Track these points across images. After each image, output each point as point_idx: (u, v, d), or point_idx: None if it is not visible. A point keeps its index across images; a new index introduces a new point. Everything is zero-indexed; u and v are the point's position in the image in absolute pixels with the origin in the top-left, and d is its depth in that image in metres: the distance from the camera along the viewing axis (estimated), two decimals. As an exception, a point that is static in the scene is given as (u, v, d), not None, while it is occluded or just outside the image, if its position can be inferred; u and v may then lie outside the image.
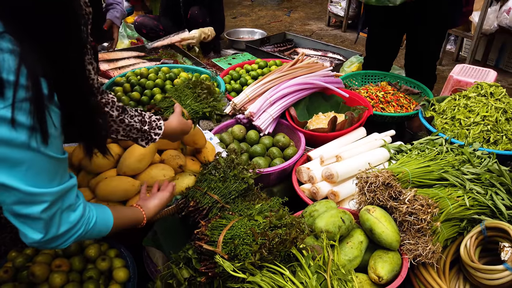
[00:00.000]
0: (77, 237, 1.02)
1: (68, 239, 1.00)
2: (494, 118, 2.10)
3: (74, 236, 1.01)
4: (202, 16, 3.83)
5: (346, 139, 2.23)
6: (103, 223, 1.14)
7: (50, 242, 0.96)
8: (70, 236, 1.00)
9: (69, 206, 0.99)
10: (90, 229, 1.06)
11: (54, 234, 0.95)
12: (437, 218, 1.52)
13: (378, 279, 1.45)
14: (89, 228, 1.06)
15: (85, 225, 1.04)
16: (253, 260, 1.19)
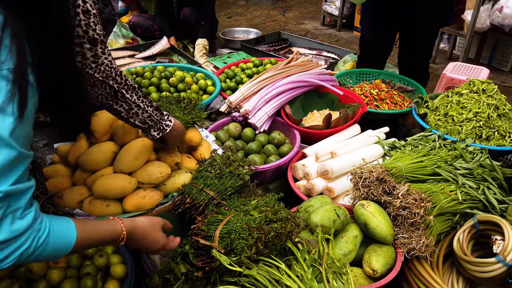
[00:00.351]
0: (21, 253, 0.81)
1: (10, 255, 0.80)
2: (486, 114, 2.13)
3: (17, 252, 0.80)
4: (193, 17, 3.84)
5: (340, 136, 2.25)
6: (60, 237, 0.90)
7: None
8: (12, 250, 0.79)
9: (15, 210, 0.79)
10: (41, 245, 0.84)
11: None
12: (430, 212, 1.55)
13: (372, 272, 1.48)
14: (39, 243, 0.84)
15: (32, 238, 0.82)
16: (249, 254, 1.20)
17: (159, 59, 3.54)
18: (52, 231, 0.88)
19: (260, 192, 1.82)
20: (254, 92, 2.44)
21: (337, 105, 2.60)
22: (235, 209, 1.52)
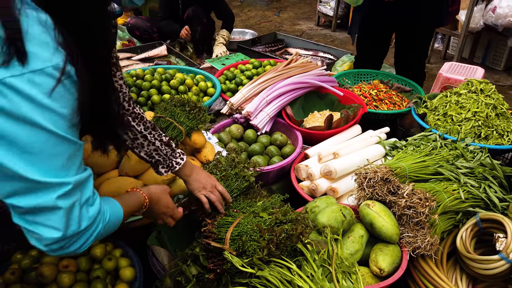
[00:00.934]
0: (96, 235, 0.91)
1: (89, 238, 0.89)
2: (485, 113, 2.17)
3: (94, 235, 0.90)
4: (199, 16, 3.87)
5: (342, 137, 2.28)
6: (116, 216, 1.02)
7: (70, 243, 0.85)
8: (91, 234, 0.89)
9: (88, 199, 0.88)
10: (107, 225, 0.95)
11: (75, 230, 0.83)
12: (434, 211, 1.58)
13: (379, 271, 1.50)
14: (105, 223, 0.94)
15: (102, 221, 0.93)
16: (261, 255, 1.22)
17: (157, 61, 3.54)
18: (110, 210, 0.99)
19: (265, 193, 1.83)
20: (255, 94, 2.45)
21: (337, 105, 2.63)
22: (241, 211, 1.53)
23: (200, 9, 3.92)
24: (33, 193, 0.77)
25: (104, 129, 1.01)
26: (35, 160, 0.75)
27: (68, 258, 1.47)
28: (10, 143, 0.71)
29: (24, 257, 1.50)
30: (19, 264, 1.47)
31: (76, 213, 0.84)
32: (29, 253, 1.53)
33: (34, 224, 0.80)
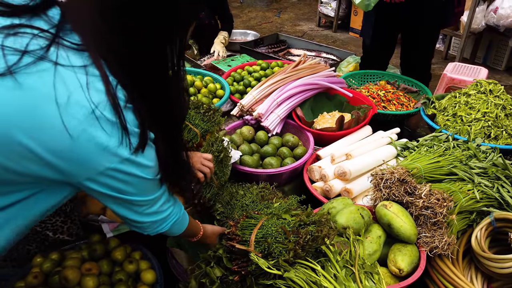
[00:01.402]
0: (170, 225, 1.18)
1: (167, 224, 1.16)
2: (494, 114, 2.20)
3: (169, 223, 1.17)
4: (207, 18, 3.90)
5: (353, 138, 2.29)
6: (183, 223, 1.29)
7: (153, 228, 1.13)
8: (168, 222, 1.16)
9: (167, 201, 1.14)
10: (177, 221, 1.21)
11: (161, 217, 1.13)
12: (452, 211, 1.59)
13: (398, 271, 1.51)
14: (177, 219, 1.20)
15: (176, 215, 1.20)
16: (287, 257, 1.23)
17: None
18: (184, 213, 1.27)
19: (280, 194, 1.85)
20: (265, 96, 2.46)
21: (346, 106, 2.64)
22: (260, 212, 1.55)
23: (207, 10, 3.94)
24: (140, 206, 1.04)
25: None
26: (140, 193, 0.99)
27: (90, 261, 1.48)
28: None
29: (45, 261, 1.50)
30: (40, 267, 1.48)
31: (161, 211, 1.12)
32: (49, 256, 1.53)
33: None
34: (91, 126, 0.77)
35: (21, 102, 0.71)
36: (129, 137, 0.84)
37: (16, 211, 0.85)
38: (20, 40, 0.72)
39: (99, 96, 0.78)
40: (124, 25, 0.80)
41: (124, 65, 0.83)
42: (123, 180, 0.90)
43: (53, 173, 0.80)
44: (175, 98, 0.99)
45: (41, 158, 0.76)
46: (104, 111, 0.78)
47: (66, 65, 0.75)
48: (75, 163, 0.80)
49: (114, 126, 0.81)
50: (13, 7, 0.76)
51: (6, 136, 0.71)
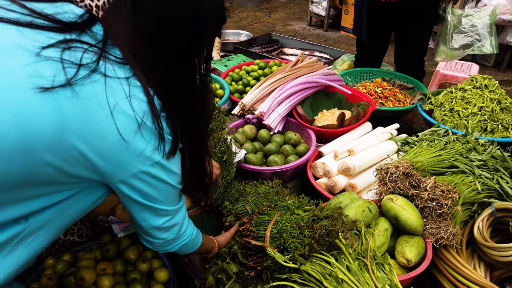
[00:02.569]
0: (181, 245, 1.19)
1: (177, 244, 1.18)
2: (490, 108, 2.26)
3: (185, 240, 1.19)
4: None
5: (354, 134, 2.33)
6: (196, 241, 1.29)
7: (167, 244, 1.16)
8: (179, 242, 1.18)
9: (184, 218, 1.17)
10: (188, 243, 1.22)
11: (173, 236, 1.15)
12: (456, 203, 1.64)
13: (407, 262, 1.55)
14: (188, 241, 1.21)
15: (188, 237, 1.21)
16: (303, 251, 1.26)
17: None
18: (197, 233, 1.28)
19: (287, 191, 1.87)
20: (266, 94, 2.49)
21: (344, 104, 2.69)
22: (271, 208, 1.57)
23: None
24: (161, 216, 1.07)
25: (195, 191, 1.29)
26: (163, 200, 1.03)
27: (104, 261, 1.49)
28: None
29: (57, 262, 1.50)
30: (53, 269, 1.48)
31: (177, 227, 1.14)
32: (62, 258, 1.53)
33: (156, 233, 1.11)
34: (133, 132, 0.85)
35: (78, 110, 0.77)
36: (164, 144, 0.91)
37: (58, 210, 0.89)
38: (74, 54, 0.79)
39: (141, 105, 0.86)
40: (157, 41, 0.89)
41: (159, 77, 0.90)
42: (152, 184, 0.95)
43: (95, 175, 0.87)
44: (202, 106, 1.07)
45: (90, 160, 0.82)
46: (145, 119, 0.86)
47: (113, 76, 0.82)
48: (114, 165, 0.86)
49: (152, 132, 0.88)
50: (64, 23, 0.82)
51: (65, 141, 0.78)
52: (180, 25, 0.88)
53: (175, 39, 0.90)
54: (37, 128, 0.74)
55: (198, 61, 0.99)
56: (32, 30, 0.77)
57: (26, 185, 0.80)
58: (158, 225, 1.07)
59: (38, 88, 0.73)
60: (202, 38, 0.95)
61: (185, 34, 0.90)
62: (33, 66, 0.74)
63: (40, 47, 0.75)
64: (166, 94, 0.91)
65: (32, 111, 0.73)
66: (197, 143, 1.10)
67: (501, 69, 4.71)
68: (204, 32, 0.94)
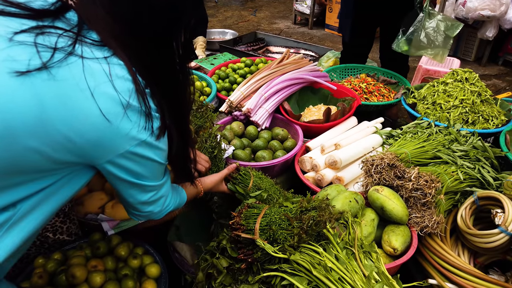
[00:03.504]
0: (166, 213, 1.24)
1: (162, 214, 1.22)
2: (471, 100, 2.32)
3: (168, 208, 1.24)
4: None
5: (340, 129, 2.37)
6: (181, 199, 1.35)
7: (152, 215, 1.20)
8: (164, 212, 1.22)
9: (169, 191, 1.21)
10: (176, 203, 1.29)
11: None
12: (440, 192, 1.69)
13: (393, 251, 1.60)
14: (173, 209, 1.27)
15: (172, 206, 1.25)
16: (292, 242, 1.28)
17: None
18: (181, 198, 1.34)
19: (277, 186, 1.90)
20: (253, 91, 2.51)
21: (330, 99, 2.73)
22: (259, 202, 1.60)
23: None
24: (147, 191, 1.09)
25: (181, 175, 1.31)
26: (150, 177, 1.05)
27: (95, 258, 1.50)
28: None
29: (48, 261, 1.50)
30: (44, 267, 1.48)
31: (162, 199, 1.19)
32: (52, 256, 1.53)
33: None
34: (117, 113, 0.84)
35: (56, 93, 0.77)
36: (152, 122, 0.91)
37: (46, 195, 0.89)
38: (49, 39, 0.78)
39: (124, 84, 0.84)
40: (135, 27, 0.89)
41: (140, 58, 0.90)
42: (139, 162, 0.95)
43: (81, 158, 0.87)
44: (183, 89, 1.06)
45: (75, 144, 0.82)
46: (129, 98, 0.85)
47: (91, 57, 0.81)
48: (100, 147, 0.86)
49: (138, 111, 0.87)
50: (36, 11, 0.81)
51: (47, 125, 0.77)
52: (157, 10, 0.88)
53: (152, 25, 0.90)
54: (16, 112, 0.73)
55: (177, 45, 0.99)
56: (4, 17, 0.77)
57: (13, 173, 0.80)
58: (144, 200, 1.10)
59: (14, 73, 0.73)
60: (180, 23, 0.95)
61: (162, 19, 0.90)
62: (7, 50, 0.73)
63: (12, 33, 0.75)
64: (149, 74, 0.92)
65: (9, 96, 0.73)
66: (181, 125, 1.10)
67: (482, 64, 4.82)
68: (181, 16, 0.94)
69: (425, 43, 2.63)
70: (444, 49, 2.63)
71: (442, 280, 1.61)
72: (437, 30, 2.60)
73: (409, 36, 2.70)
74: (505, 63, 4.80)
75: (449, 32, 2.59)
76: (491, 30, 4.41)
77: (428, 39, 2.62)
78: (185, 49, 1.03)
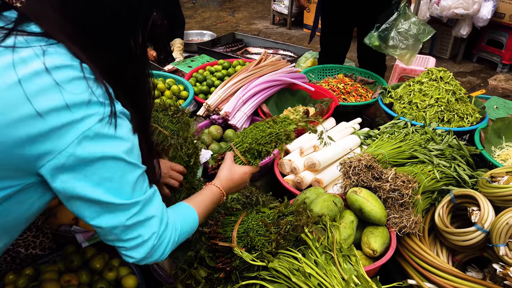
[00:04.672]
0: (173, 244, 1.02)
1: (166, 247, 0.99)
2: (446, 99, 2.35)
3: (170, 244, 1.00)
4: (160, 18, 3.83)
5: (318, 130, 2.37)
6: (190, 221, 1.12)
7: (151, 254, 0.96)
8: (166, 244, 0.99)
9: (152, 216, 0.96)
10: (180, 233, 1.05)
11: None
12: (417, 192, 1.70)
13: (372, 252, 1.60)
14: (178, 232, 1.04)
15: (174, 232, 1.03)
16: (270, 248, 1.27)
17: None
18: (182, 218, 1.08)
19: (255, 190, 1.88)
20: (230, 94, 2.49)
21: (308, 100, 2.72)
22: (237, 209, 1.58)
23: (160, 12, 3.90)
24: (115, 214, 0.88)
25: None
26: (110, 186, 0.86)
27: (69, 273, 1.45)
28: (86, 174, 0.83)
29: (19, 277, 1.45)
30: (14, 284, 1.43)
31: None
32: (23, 272, 1.48)
33: (121, 242, 0.92)
34: (52, 104, 0.75)
35: None
36: (105, 111, 0.82)
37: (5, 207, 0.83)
38: None
39: (64, 72, 0.77)
40: (86, 26, 0.85)
41: (94, 56, 0.84)
42: (92, 161, 0.81)
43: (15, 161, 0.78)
44: (142, 89, 1.01)
45: (17, 143, 0.75)
46: (67, 85, 0.77)
47: (25, 46, 0.76)
48: (40, 143, 0.76)
49: (79, 98, 0.78)
50: None
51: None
52: (110, 10, 0.85)
53: (106, 25, 0.86)
54: None
55: (135, 45, 0.94)
56: None
57: None
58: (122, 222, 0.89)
59: None
60: (136, 23, 0.92)
61: (116, 19, 0.87)
62: None
63: None
64: (105, 74, 0.86)
65: None
66: (141, 126, 0.98)
67: (457, 61, 4.91)
68: (137, 17, 0.91)
69: (395, 42, 2.65)
70: (413, 52, 2.66)
71: (421, 280, 1.62)
72: (409, 32, 2.62)
73: (381, 33, 2.71)
74: (479, 60, 4.91)
75: (420, 36, 2.62)
76: (465, 28, 4.49)
77: (399, 39, 2.64)
78: (142, 49, 0.98)
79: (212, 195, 1.27)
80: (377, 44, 2.75)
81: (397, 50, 2.66)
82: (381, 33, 2.70)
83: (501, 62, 4.61)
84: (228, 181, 1.35)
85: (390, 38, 2.66)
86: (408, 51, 2.64)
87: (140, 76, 1.00)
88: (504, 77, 4.56)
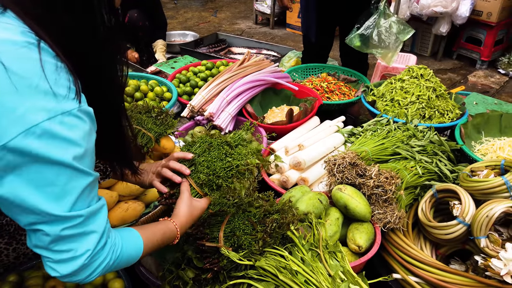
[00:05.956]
0: (104, 268, 0.91)
1: (96, 270, 0.89)
2: (427, 96, 2.40)
3: (101, 267, 0.90)
4: (141, 19, 3.81)
5: (303, 129, 2.39)
6: (132, 250, 1.01)
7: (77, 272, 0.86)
8: (97, 266, 0.89)
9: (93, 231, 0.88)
10: (118, 259, 0.94)
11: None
12: (400, 187, 1.73)
13: (358, 248, 1.62)
14: (116, 257, 0.94)
15: (112, 254, 0.92)
16: (257, 247, 1.28)
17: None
18: (125, 244, 0.98)
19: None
20: (214, 95, 2.49)
21: (292, 100, 2.74)
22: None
23: (143, 12, 3.86)
24: (51, 224, 0.80)
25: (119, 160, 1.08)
26: (52, 193, 0.78)
27: (54, 279, 1.43)
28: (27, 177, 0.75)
29: (2, 284, 1.42)
30: (-2, 292, 1.40)
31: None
32: (7, 279, 1.45)
33: (48, 252, 0.83)
34: None
35: None
36: (57, 105, 0.73)
37: None
38: None
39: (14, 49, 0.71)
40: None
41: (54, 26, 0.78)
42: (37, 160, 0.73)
43: None
44: (110, 60, 0.91)
45: None
46: (11, 65, 0.69)
47: None
48: None
49: (27, 83, 0.70)
50: None
51: None
52: None
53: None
54: None
55: (99, 26, 0.85)
56: None
57: None
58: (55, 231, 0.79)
59: None
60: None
61: None
62: None
63: None
64: (65, 47, 0.78)
65: None
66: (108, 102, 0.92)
67: (438, 59, 5.00)
68: None
69: (376, 41, 2.69)
70: (394, 51, 2.70)
71: (406, 274, 1.65)
72: (389, 31, 2.66)
73: (361, 32, 2.75)
74: (459, 57, 5.01)
75: (400, 35, 2.66)
76: (444, 25, 4.58)
77: (380, 38, 2.68)
78: (110, 34, 0.88)
79: (167, 231, 1.16)
80: (358, 44, 2.78)
81: (378, 49, 2.69)
82: (362, 32, 2.73)
83: (480, 59, 4.72)
84: (187, 218, 1.23)
85: (371, 38, 2.70)
86: (389, 50, 2.68)
87: (107, 64, 0.90)
88: (483, 74, 4.66)
